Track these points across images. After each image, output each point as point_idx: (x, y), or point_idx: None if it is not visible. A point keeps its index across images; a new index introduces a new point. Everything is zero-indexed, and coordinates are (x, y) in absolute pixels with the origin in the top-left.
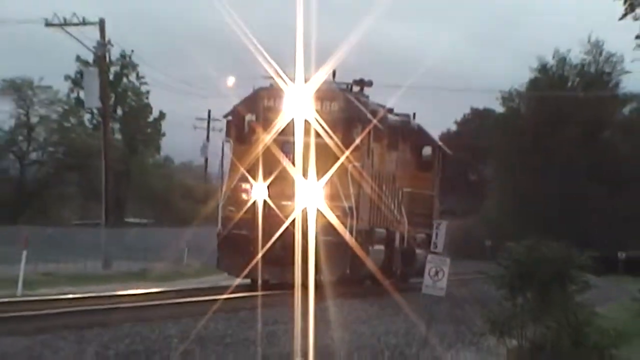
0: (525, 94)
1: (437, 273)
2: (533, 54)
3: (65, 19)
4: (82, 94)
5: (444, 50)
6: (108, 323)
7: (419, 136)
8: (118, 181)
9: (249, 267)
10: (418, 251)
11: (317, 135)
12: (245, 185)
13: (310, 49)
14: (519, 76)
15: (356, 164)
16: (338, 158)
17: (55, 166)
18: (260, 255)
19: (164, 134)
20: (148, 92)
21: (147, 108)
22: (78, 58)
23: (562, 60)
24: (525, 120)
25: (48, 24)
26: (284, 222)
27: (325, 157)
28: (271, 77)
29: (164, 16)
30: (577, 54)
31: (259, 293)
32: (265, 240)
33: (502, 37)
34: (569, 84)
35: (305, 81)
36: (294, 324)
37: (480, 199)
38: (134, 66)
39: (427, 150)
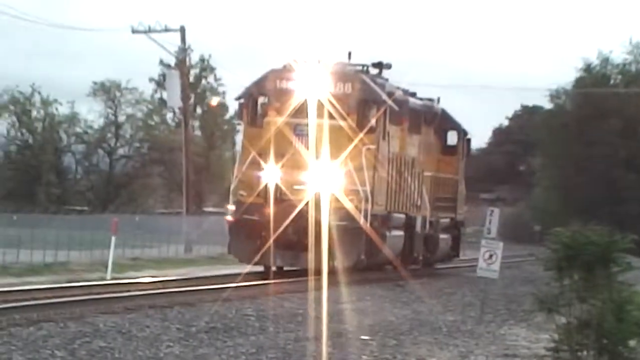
0: (571, 91)
1: (490, 256)
2: (578, 55)
3: (149, 27)
4: (165, 95)
5: (498, 53)
6: (189, 303)
7: (443, 120)
8: (198, 173)
9: (260, 252)
10: (442, 236)
11: (331, 117)
12: (257, 169)
13: (326, 32)
14: (566, 75)
15: (371, 146)
16: (352, 140)
17: (141, 160)
18: (271, 240)
19: (239, 130)
20: (225, 92)
21: (224, 107)
22: (161, 62)
23: (605, 60)
24: (571, 115)
25: (134, 32)
26: (296, 207)
27: (339, 139)
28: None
29: (237, 22)
30: (619, 54)
31: (322, 276)
32: (277, 225)
33: (551, 41)
34: (611, 81)
35: (319, 62)
36: (358, 304)
37: (529, 188)
38: (212, 69)
39: (451, 135)
